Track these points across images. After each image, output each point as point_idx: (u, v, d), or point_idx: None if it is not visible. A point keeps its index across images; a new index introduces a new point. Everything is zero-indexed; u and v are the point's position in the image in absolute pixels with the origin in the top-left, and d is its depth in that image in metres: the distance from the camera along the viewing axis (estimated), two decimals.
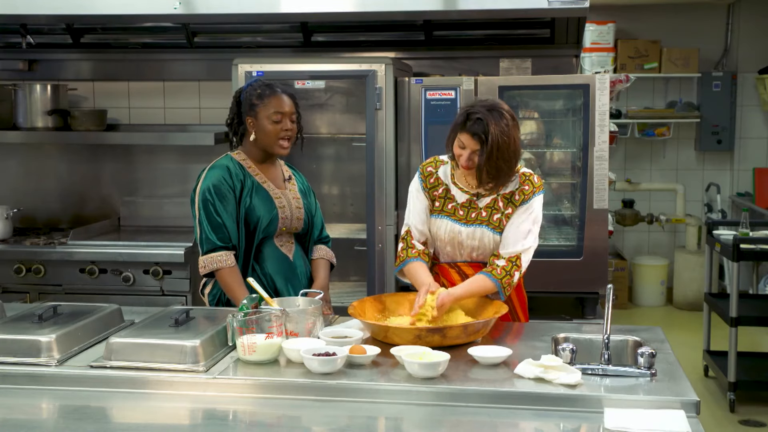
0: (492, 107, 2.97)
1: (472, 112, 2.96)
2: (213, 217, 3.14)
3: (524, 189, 3.08)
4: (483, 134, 2.91)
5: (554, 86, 4.45)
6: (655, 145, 8.04)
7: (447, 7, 4.16)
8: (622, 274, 7.66)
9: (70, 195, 5.23)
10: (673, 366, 2.58)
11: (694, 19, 7.81)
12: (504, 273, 3.01)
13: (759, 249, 5.18)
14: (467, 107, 3.01)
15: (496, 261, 3.04)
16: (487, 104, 2.99)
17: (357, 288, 4.62)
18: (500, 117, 2.94)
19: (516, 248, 3.04)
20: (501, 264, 3.03)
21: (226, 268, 3.14)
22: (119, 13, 4.34)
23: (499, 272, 3.01)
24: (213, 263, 3.15)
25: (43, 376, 2.54)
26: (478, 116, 2.93)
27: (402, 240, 3.19)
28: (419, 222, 3.16)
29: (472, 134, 2.94)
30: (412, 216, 3.18)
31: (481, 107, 2.97)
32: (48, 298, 4.34)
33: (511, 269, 3.02)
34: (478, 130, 2.92)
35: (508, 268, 3.02)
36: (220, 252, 3.14)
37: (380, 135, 4.27)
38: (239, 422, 2.40)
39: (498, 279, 3.00)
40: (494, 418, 2.31)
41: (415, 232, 3.17)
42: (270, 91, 3.22)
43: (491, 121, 2.92)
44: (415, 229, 3.16)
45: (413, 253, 3.13)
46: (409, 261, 3.12)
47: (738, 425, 4.91)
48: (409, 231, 3.18)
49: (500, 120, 2.93)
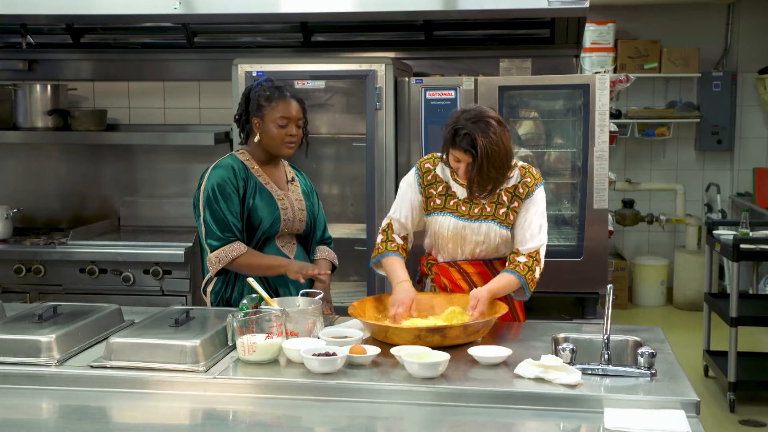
0: (477, 118, 2.96)
1: (459, 127, 2.96)
2: (218, 216, 3.13)
3: (527, 181, 3.10)
4: (473, 149, 2.93)
5: (554, 86, 4.45)
6: (655, 145, 8.04)
7: (447, 7, 4.16)
8: (622, 274, 7.66)
9: (70, 195, 5.23)
10: (673, 366, 2.58)
11: (694, 19, 7.82)
12: (527, 269, 3.05)
13: (759, 249, 5.18)
14: (453, 122, 2.99)
15: (517, 258, 3.07)
16: (472, 116, 2.97)
17: (357, 288, 4.62)
18: (486, 127, 2.94)
19: (534, 243, 3.08)
20: (523, 261, 3.06)
21: (244, 254, 3.13)
22: (119, 13, 4.35)
23: (522, 269, 3.05)
24: (227, 256, 3.12)
25: (43, 376, 2.54)
26: (465, 132, 2.94)
27: (382, 232, 3.21)
28: (403, 216, 3.18)
29: (463, 150, 2.95)
30: (398, 210, 3.19)
31: (466, 121, 2.96)
32: (48, 298, 4.34)
33: (533, 265, 3.06)
34: (467, 145, 2.93)
35: (529, 264, 3.06)
36: (231, 244, 3.13)
37: (380, 135, 4.27)
38: (239, 422, 2.40)
39: (522, 275, 3.04)
40: (494, 418, 2.31)
41: (396, 226, 3.19)
42: (279, 95, 3.20)
43: (478, 134, 2.92)
44: (397, 222, 3.19)
45: (392, 247, 3.16)
46: (387, 254, 3.15)
47: (738, 425, 4.91)
48: (391, 224, 3.20)
49: (487, 130, 2.93)
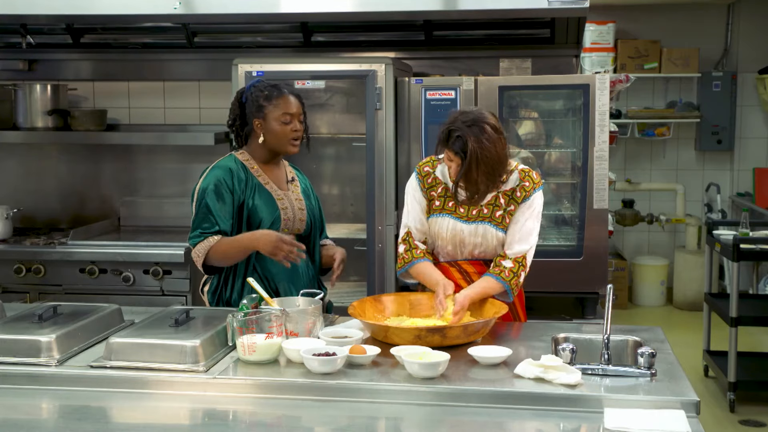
0: (473, 122, 2.95)
1: (453, 129, 2.96)
2: (207, 217, 3.13)
3: (525, 185, 3.09)
4: (462, 152, 2.93)
5: (554, 86, 4.45)
6: (655, 145, 8.04)
7: (447, 7, 4.16)
8: (622, 274, 7.66)
9: (70, 195, 5.22)
10: (673, 366, 2.58)
11: (694, 19, 7.82)
12: (512, 275, 3.04)
13: (759, 249, 5.18)
14: (449, 123, 3.00)
15: (503, 262, 3.06)
16: (469, 119, 2.97)
17: (357, 288, 4.62)
18: (481, 132, 2.93)
19: (522, 247, 3.06)
20: (508, 266, 3.05)
21: (218, 242, 3.11)
22: (119, 13, 4.34)
23: (507, 274, 3.04)
24: (205, 249, 3.11)
25: (43, 376, 2.54)
26: (458, 134, 2.94)
27: (404, 242, 3.19)
28: (418, 222, 3.17)
29: (454, 152, 2.96)
30: (411, 217, 3.19)
31: (462, 123, 2.96)
32: (48, 298, 4.34)
33: (518, 270, 3.05)
34: (457, 147, 2.94)
35: (515, 269, 3.05)
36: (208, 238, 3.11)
37: (380, 135, 4.27)
38: (239, 422, 2.40)
39: (507, 281, 3.03)
40: (494, 418, 2.31)
41: (415, 233, 3.18)
42: (277, 93, 3.21)
43: (470, 138, 2.92)
44: (415, 229, 3.18)
45: (418, 254, 3.15)
46: (417, 261, 3.14)
47: (738, 425, 4.91)
48: (410, 232, 3.19)
49: (481, 135, 2.93)
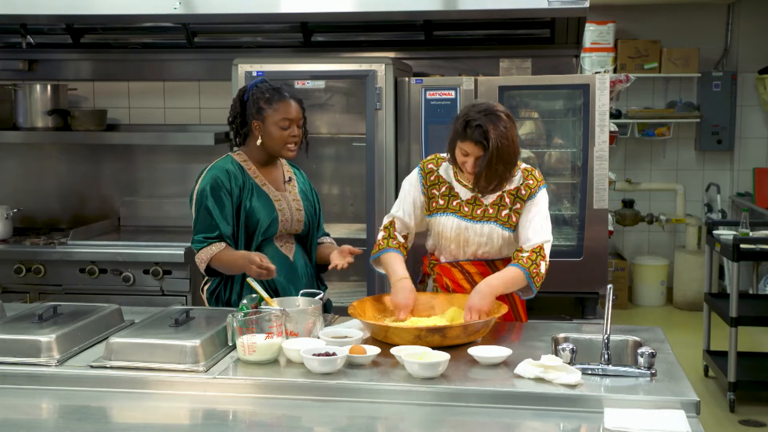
0: (488, 111, 2.96)
1: (471, 119, 2.95)
2: (206, 217, 3.13)
3: (529, 183, 3.09)
4: (485, 140, 2.91)
5: (554, 86, 4.45)
6: (655, 145, 8.04)
7: (447, 7, 4.16)
8: (622, 274, 7.66)
9: (70, 195, 5.22)
10: (673, 366, 2.58)
11: (694, 19, 7.82)
12: (530, 262, 3.01)
13: (759, 249, 5.18)
14: (464, 115, 2.99)
15: (521, 254, 3.05)
16: (483, 109, 2.98)
17: (357, 288, 4.62)
18: (498, 120, 2.94)
19: (537, 240, 3.05)
20: (526, 255, 3.03)
21: (219, 252, 3.12)
22: (119, 13, 4.34)
23: (525, 261, 3.02)
24: (208, 256, 3.13)
25: (43, 376, 2.54)
26: (477, 123, 2.93)
27: (384, 229, 3.21)
28: (407, 215, 3.19)
29: (474, 142, 2.93)
30: (401, 208, 3.20)
31: (478, 113, 2.95)
32: (48, 298, 4.34)
33: (537, 259, 3.02)
34: (479, 137, 2.92)
35: (533, 257, 3.02)
36: (212, 245, 3.13)
37: (380, 135, 4.27)
38: (239, 422, 2.40)
39: (526, 268, 3.00)
40: (494, 418, 2.31)
41: (399, 224, 3.19)
42: (279, 96, 3.20)
43: (490, 126, 2.92)
44: (400, 221, 3.19)
45: (393, 244, 3.16)
46: (388, 250, 3.14)
47: (738, 425, 4.91)
48: (393, 222, 3.20)
49: (498, 123, 2.94)
